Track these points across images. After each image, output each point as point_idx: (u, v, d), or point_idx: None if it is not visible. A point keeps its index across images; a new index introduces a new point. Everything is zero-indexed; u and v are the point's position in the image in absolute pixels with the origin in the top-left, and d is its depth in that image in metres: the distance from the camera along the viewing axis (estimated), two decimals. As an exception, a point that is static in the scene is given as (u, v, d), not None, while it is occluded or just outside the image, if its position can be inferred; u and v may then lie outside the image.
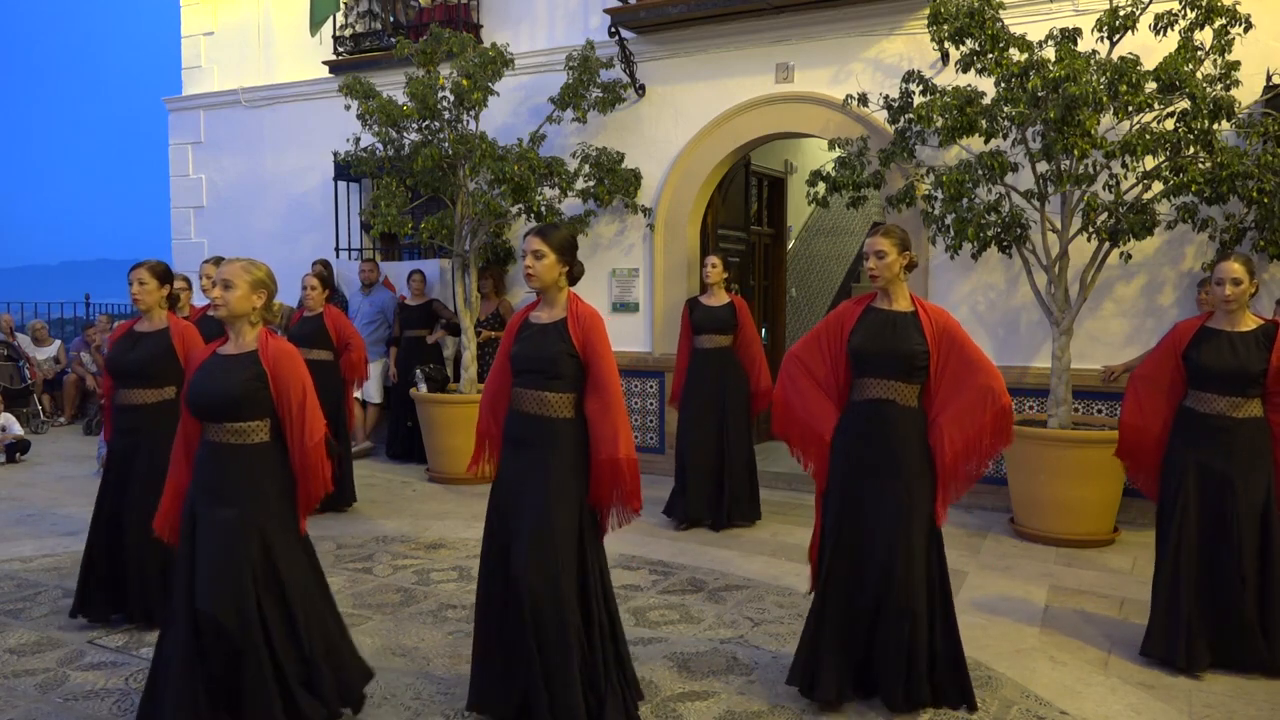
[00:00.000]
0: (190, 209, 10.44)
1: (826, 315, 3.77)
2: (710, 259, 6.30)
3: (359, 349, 6.75)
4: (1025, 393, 6.72)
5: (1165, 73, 5.45)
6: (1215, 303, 3.96)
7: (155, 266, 4.44)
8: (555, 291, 3.37)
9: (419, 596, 4.85)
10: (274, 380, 3.17)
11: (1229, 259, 3.90)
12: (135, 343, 4.39)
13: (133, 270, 4.42)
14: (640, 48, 7.86)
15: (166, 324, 4.42)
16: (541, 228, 3.37)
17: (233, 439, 3.16)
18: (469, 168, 7.45)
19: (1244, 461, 3.84)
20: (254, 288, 3.23)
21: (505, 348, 3.44)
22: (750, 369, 6.27)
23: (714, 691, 3.70)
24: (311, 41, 9.17)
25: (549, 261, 3.31)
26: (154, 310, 4.42)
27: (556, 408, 3.29)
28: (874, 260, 3.55)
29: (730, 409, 6.19)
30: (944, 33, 6.00)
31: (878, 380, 3.53)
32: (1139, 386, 4.12)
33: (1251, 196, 5.39)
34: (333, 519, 6.43)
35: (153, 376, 4.34)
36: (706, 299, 6.31)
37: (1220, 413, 3.88)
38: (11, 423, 9.04)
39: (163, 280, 4.42)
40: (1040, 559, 5.53)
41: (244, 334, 3.25)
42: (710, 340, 6.23)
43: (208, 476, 3.18)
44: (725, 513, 6.15)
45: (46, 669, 3.93)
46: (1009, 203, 6.02)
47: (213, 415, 3.18)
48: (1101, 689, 3.74)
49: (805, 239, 10.97)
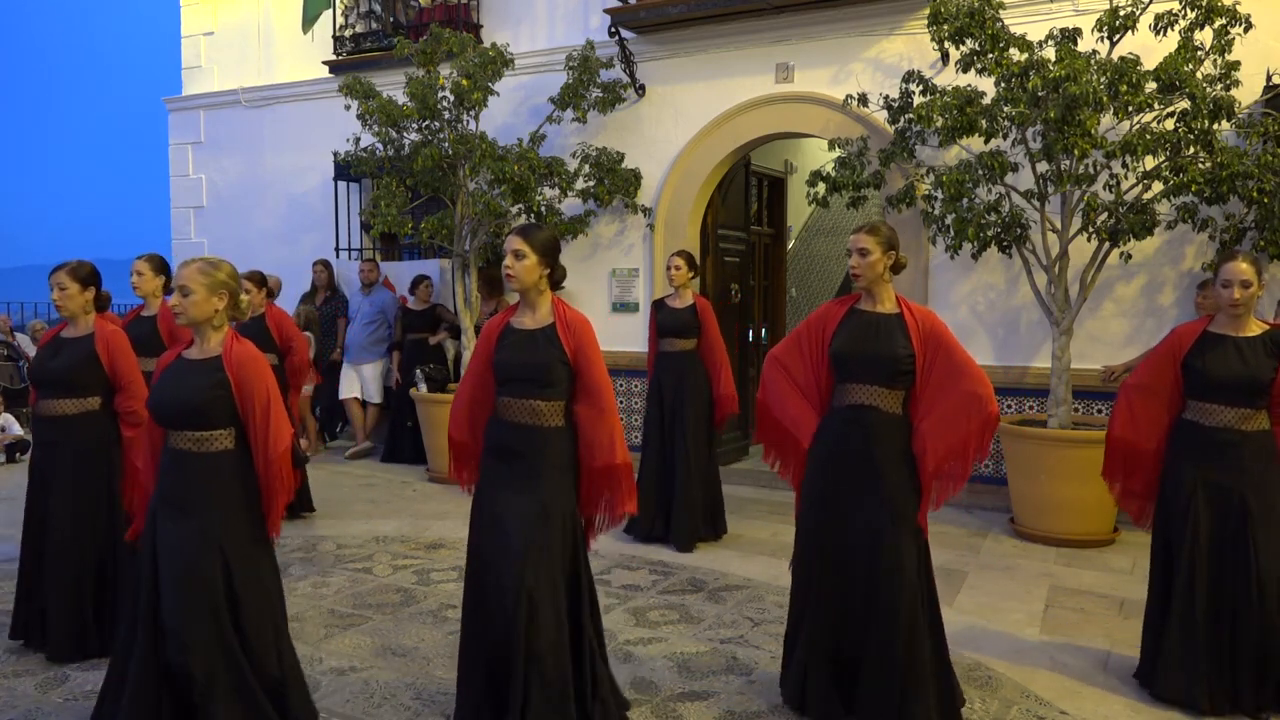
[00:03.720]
0: (190, 209, 10.44)
1: (809, 315, 3.60)
2: (673, 259, 5.96)
3: (302, 351, 6.50)
4: (1025, 393, 6.72)
5: (1165, 73, 5.45)
6: (1220, 306, 3.61)
7: (77, 269, 4.12)
8: (535, 294, 3.26)
9: (419, 596, 4.85)
10: (237, 386, 3.04)
11: (1235, 259, 3.56)
12: (58, 350, 4.10)
13: (52, 273, 4.08)
14: (640, 48, 7.86)
15: (92, 329, 4.10)
16: (524, 227, 3.25)
17: (194, 446, 3.03)
18: (469, 168, 7.45)
19: (1256, 479, 3.50)
20: (212, 290, 3.06)
21: (485, 355, 3.30)
22: (713, 374, 5.86)
23: (714, 691, 3.70)
24: (311, 42, 9.17)
25: (530, 263, 3.19)
26: (78, 316, 4.11)
27: (548, 416, 3.21)
28: (856, 258, 3.39)
29: (690, 417, 5.80)
30: (944, 33, 6.00)
31: (860, 385, 3.38)
32: (1132, 397, 3.74)
33: (1251, 196, 5.39)
34: (333, 520, 6.43)
35: (75, 386, 4.03)
36: (671, 300, 5.97)
37: (1228, 425, 3.53)
38: (11, 423, 9.04)
39: (85, 283, 4.10)
40: (1040, 559, 5.53)
41: (208, 338, 3.11)
42: (671, 344, 5.90)
43: (169, 485, 3.06)
44: (684, 529, 5.71)
45: (47, 669, 3.92)
46: (1009, 203, 6.02)
47: (174, 423, 3.05)
48: (1101, 689, 3.74)
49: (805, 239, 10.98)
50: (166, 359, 3.19)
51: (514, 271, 3.20)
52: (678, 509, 5.77)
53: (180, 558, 2.98)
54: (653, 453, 5.94)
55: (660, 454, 5.91)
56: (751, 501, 6.91)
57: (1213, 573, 3.54)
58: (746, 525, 6.23)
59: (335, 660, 4.01)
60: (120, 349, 4.08)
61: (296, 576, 5.15)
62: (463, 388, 3.43)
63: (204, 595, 2.96)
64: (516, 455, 3.21)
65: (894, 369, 3.34)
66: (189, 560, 2.98)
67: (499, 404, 3.27)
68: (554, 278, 3.28)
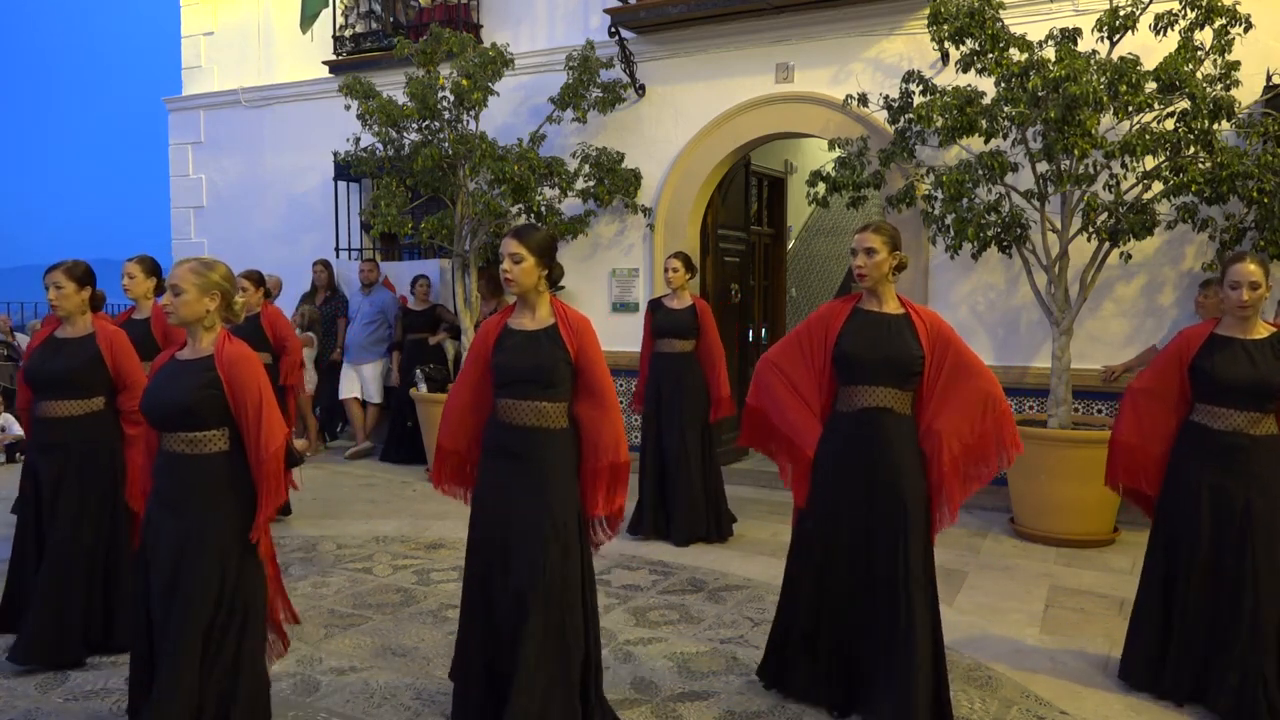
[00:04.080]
0: (190, 209, 10.44)
1: (808, 317, 3.48)
2: (670, 261, 6.01)
3: (296, 351, 6.50)
4: (1025, 393, 6.72)
5: (1165, 73, 5.45)
6: (1228, 308, 3.54)
7: (73, 268, 4.04)
8: (535, 295, 3.22)
9: (419, 596, 4.85)
10: (229, 386, 2.98)
11: (1243, 260, 3.49)
12: (58, 350, 4.01)
13: (48, 273, 3.99)
14: (640, 48, 7.86)
15: (92, 329, 4.05)
16: (519, 230, 3.19)
17: (188, 449, 2.98)
18: (469, 168, 7.45)
19: (1263, 482, 3.46)
20: (204, 291, 3.01)
21: (483, 357, 3.24)
22: (710, 376, 5.90)
23: (714, 691, 3.70)
24: (311, 41, 9.17)
25: (528, 265, 3.15)
26: (75, 315, 4.04)
27: (553, 417, 3.19)
28: (863, 258, 3.34)
29: (688, 417, 5.86)
30: (944, 33, 6.00)
31: (871, 388, 3.33)
32: (1139, 401, 3.70)
33: (1251, 196, 5.39)
34: (333, 520, 6.43)
35: (79, 386, 3.96)
36: (669, 301, 6.01)
37: (1237, 429, 3.49)
38: (11, 423, 9.03)
39: (81, 282, 4.04)
40: (1040, 559, 5.53)
41: (200, 338, 3.06)
42: (670, 345, 5.93)
43: (165, 488, 3.02)
44: (683, 525, 5.79)
45: (47, 669, 3.90)
46: (1009, 203, 6.02)
47: (167, 424, 3.00)
48: (1101, 689, 3.74)
49: (805, 239, 10.98)
50: (160, 361, 3.15)
51: (512, 275, 3.15)
52: (678, 506, 5.81)
53: (186, 560, 2.94)
54: (650, 452, 5.97)
55: (657, 453, 5.95)
56: (751, 501, 6.90)
57: (1212, 574, 3.52)
58: (746, 525, 6.23)
59: (335, 660, 4.01)
60: (123, 348, 4.06)
61: (296, 576, 5.15)
62: (456, 394, 3.34)
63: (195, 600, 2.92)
64: (518, 457, 3.18)
65: (908, 370, 3.33)
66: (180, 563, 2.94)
67: (500, 406, 3.22)
68: (552, 277, 3.25)
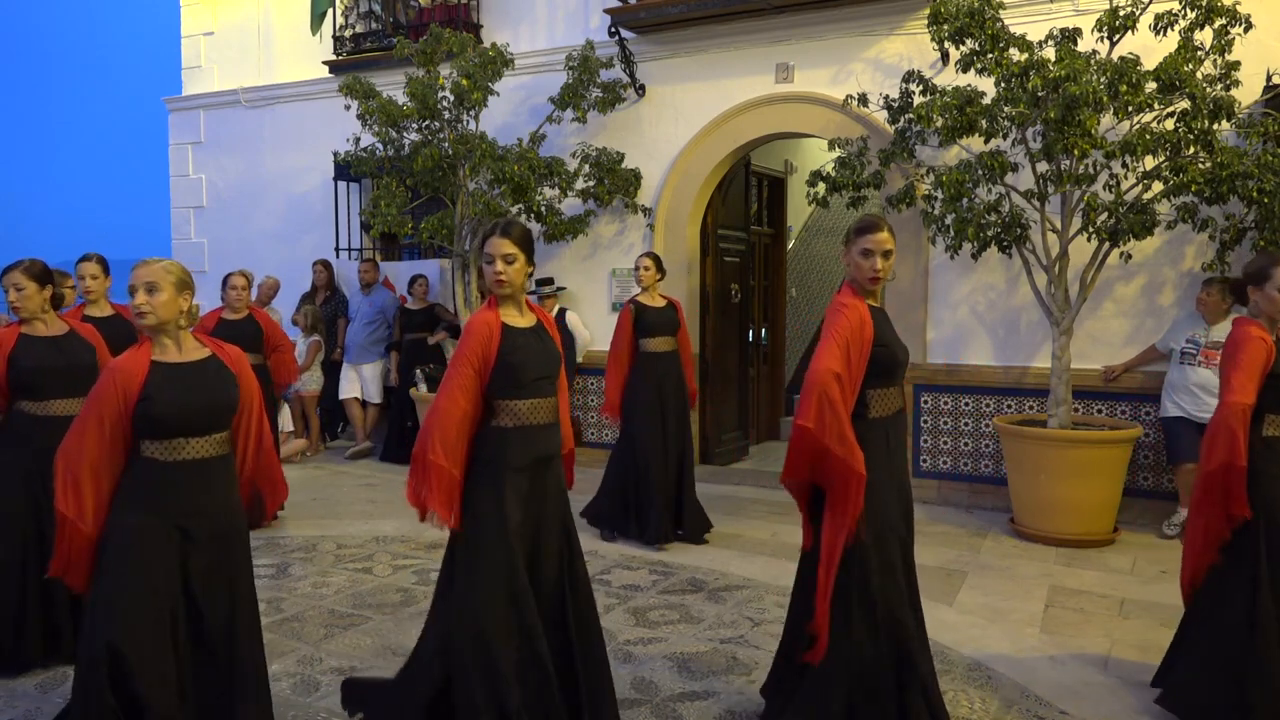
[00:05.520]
0: (190, 209, 10.44)
1: (834, 320, 3.07)
2: (642, 260, 5.97)
3: (289, 349, 6.49)
4: (1025, 393, 6.72)
5: (1165, 73, 5.45)
6: (1272, 311, 3.39)
7: (30, 267, 3.96)
8: (521, 293, 3.17)
9: (419, 596, 4.85)
10: (241, 385, 3.00)
11: None
12: (55, 348, 3.96)
13: (5, 274, 3.94)
14: (640, 48, 7.86)
15: (69, 327, 4.03)
16: (505, 227, 3.06)
17: (217, 450, 2.94)
18: (469, 168, 7.45)
19: None
20: (180, 289, 2.90)
21: (487, 362, 3.03)
22: (687, 371, 6.05)
23: (714, 691, 3.70)
24: (311, 41, 9.17)
25: (521, 263, 3.08)
26: (37, 316, 3.97)
27: (559, 414, 3.25)
28: (880, 260, 3.08)
29: (680, 417, 5.91)
30: (944, 33, 6.00)
31: (898, 389, 3.18)
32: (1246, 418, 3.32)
33: (1251, 196, 5.38)
34: (333, 520, 6.44)
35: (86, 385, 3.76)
36: (647, 300, 5.96)
37: None
38: None
39: (42, 281, 3.97)
40: (1040, 559, 5.53)
41: (184, 340, 2.95)
42: (660, 344, 5.92)
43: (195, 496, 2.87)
44: (686, 526, 5.85)
45: (47, 669, 3.91)
46: (1009, 203, 6.02)
47: (204, 428, 2.89)
48: (1101, 689, 3.74)
49: (805, 239, 10.96)
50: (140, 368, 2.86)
51: (507, 276, 3.06)
52: (687, 505, 5.92)
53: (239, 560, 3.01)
54: (657, 452, 5.82)
55: (664, 453, 5.85)
56: (751, 501, 6.91)
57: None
58: (747, 525, 6.24)
59: (335, 660, 4.02)
60: (103, 345, 4.10)
61: (296, 576, 5.16)
62: (450, 405, 3.00)
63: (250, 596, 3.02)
64: (550, 460, 3.16)
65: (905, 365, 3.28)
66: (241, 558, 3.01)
67: (519, 409, 3.07)
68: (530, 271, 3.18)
